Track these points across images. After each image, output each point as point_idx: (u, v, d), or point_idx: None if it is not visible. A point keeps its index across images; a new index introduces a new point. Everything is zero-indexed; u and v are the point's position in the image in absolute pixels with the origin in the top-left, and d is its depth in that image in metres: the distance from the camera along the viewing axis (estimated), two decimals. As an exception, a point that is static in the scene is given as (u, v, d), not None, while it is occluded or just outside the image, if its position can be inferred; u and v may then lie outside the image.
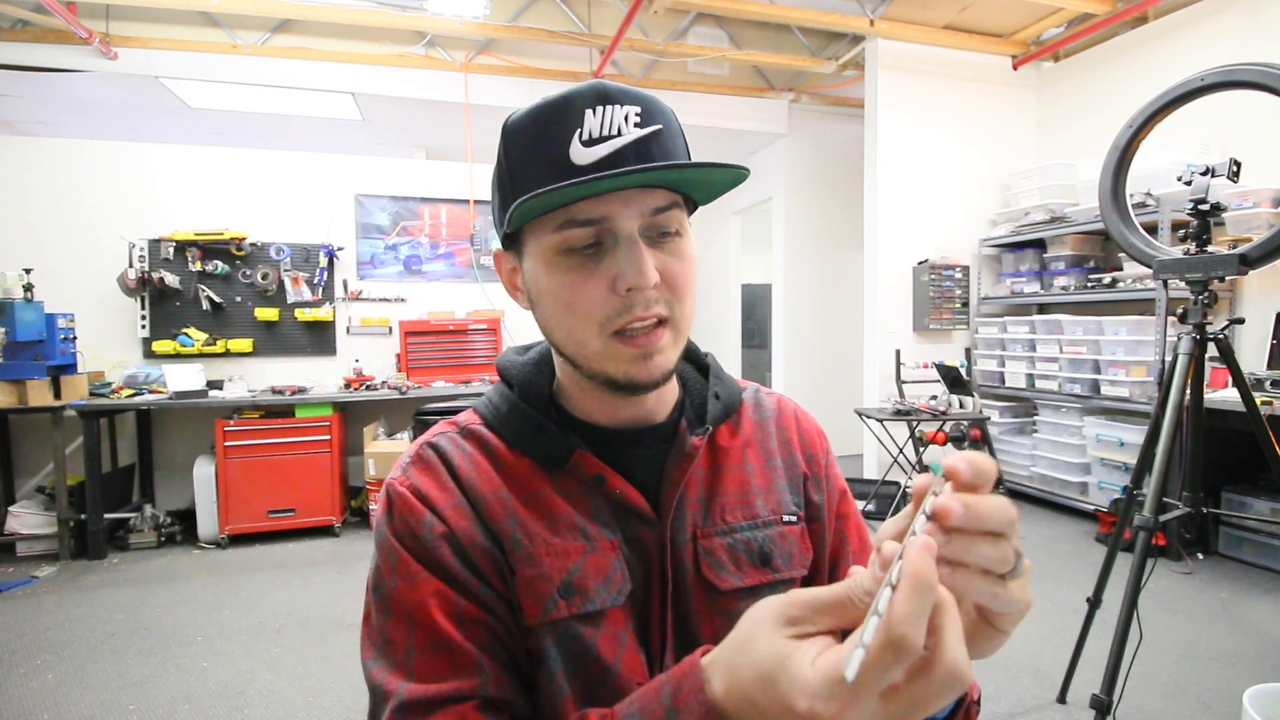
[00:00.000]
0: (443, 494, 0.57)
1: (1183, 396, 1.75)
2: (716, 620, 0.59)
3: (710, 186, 0.57)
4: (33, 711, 2.11)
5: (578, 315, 0.55)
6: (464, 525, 0.56)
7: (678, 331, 0.57)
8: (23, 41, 3.97)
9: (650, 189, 0.54)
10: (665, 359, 0.56)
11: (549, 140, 0.53)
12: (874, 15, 4.36)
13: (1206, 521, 3.09)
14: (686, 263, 0.57)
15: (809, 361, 5.74)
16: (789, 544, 0.64)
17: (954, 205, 4.66)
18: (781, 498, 0.66)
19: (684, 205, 0.58)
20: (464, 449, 0.61)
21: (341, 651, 2.48)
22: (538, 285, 0.57)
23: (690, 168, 0.52)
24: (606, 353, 0.55)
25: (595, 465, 0.58)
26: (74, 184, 3.94)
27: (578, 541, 0.57)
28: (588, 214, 0.53)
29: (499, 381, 0.66)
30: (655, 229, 0.55)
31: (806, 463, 0.69)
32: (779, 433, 0.70)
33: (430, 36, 4.47)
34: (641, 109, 0.54)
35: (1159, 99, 1.81)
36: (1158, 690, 2.12)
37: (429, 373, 4.39)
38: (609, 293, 0.54)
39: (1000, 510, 0.36)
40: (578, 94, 0.53)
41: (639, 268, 0.52)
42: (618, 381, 0.56)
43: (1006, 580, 0.36)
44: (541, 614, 0.55)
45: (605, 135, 0.52)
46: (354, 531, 3.95)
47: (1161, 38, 4.01)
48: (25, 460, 3.88)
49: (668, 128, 0.55)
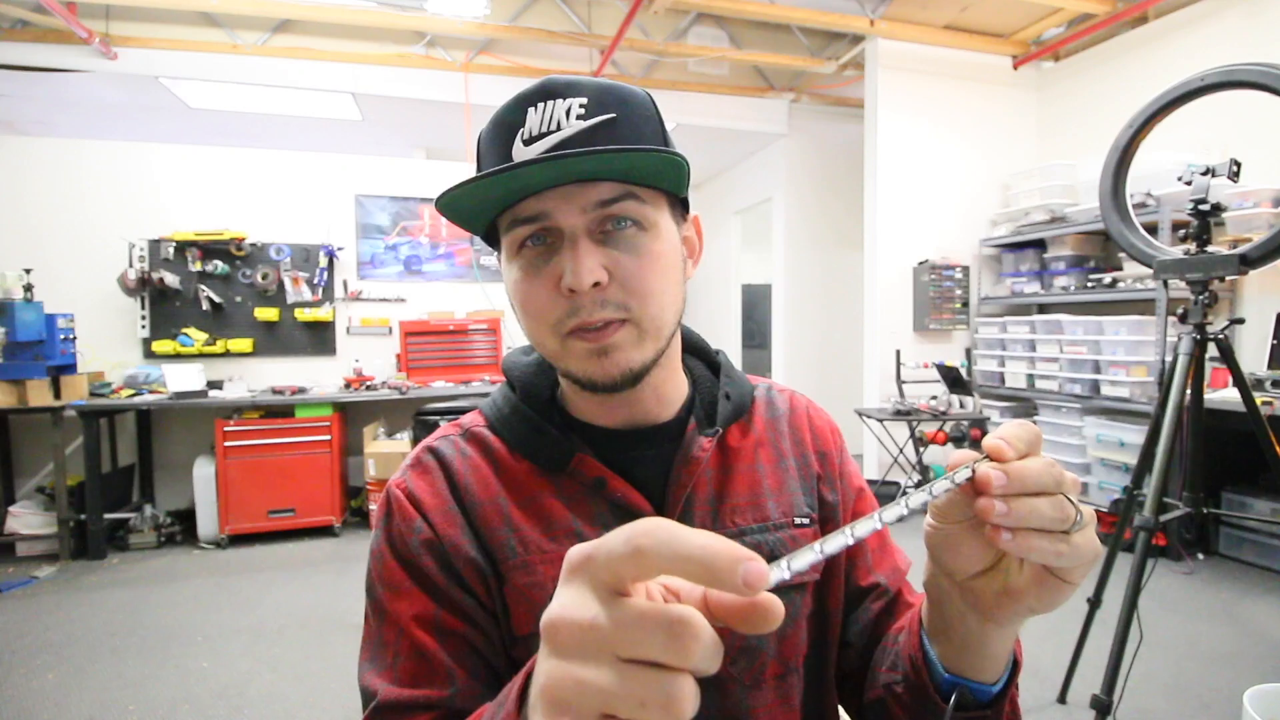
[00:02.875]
0: (435, 499, 0.57)
1: (1183, 397, 1.75)
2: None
3: (655, 174, 0.53)
4: (33, 711, 2.11)
5: (530, 316, 0.55)
6: (451, 533, 0.56)
7: (642, 331, 0.53)
8: (23, 41, 3.96)
9: (593, 182, 0.51)
10: (626, 357, 0.53)
11: (499, 144, 0.53)
12: (874, 15, 4.36)
13: (1207, 522, 3.08)
14: (645, 258, 0.53)
15: (809, 361, 5.74)
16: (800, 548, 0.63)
17: (954, 205, 4.66)
18: (794, 499, 0.64)
19: (646, 197, 0.53)
20: (464, 452, 0.60)
21: (341, 651, 2.48)
22: (506, 285, 0.57)
23: (601, 153, 0.48)
24: (564, 352, 0.54)
25: (596, 469, 0.58)
26: (74, 184, 3.94)
27: None
28: (527, 211, 0.52)
29: (504, 382, 0.66)
30: (607, 222, 0.52)
31: (819, 461, 0.67)
32: (792, 432, 0.68)
33: (430, 36, 4.46)
34: (589, 99, 0.52)
35: (1159, 99, 1.81)
36: (1158, 690, 2.12)
37: (429, 373, 4.39)
38: (556, 293, 0.52)
39: (1044, 471, 0.37)
40: (525, 94, 0.53)
41: (575, 267, 0.50)
42: (581, 381, 0.55)
43: (1070, 535, 0.37)
44: (535, 623, 0.54)
45: (544, 131, 0.51)
46: (354, 532, 3.94)
47: (1161, 38, 4.01)
48: (25, 460, 3.88)
49: (625, 116, 0.52)
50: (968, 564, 0.43)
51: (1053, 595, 0.40)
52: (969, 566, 0.43)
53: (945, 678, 0.50)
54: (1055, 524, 0.37)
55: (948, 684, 0.50)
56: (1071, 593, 0.40)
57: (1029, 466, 0.37)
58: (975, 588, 0.44)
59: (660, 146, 0.53)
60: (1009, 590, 0.42)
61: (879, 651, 0.61)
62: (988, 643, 0.47)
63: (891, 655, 0.57)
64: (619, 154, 0.49)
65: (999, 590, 0.43)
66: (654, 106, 0.56)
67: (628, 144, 0.52)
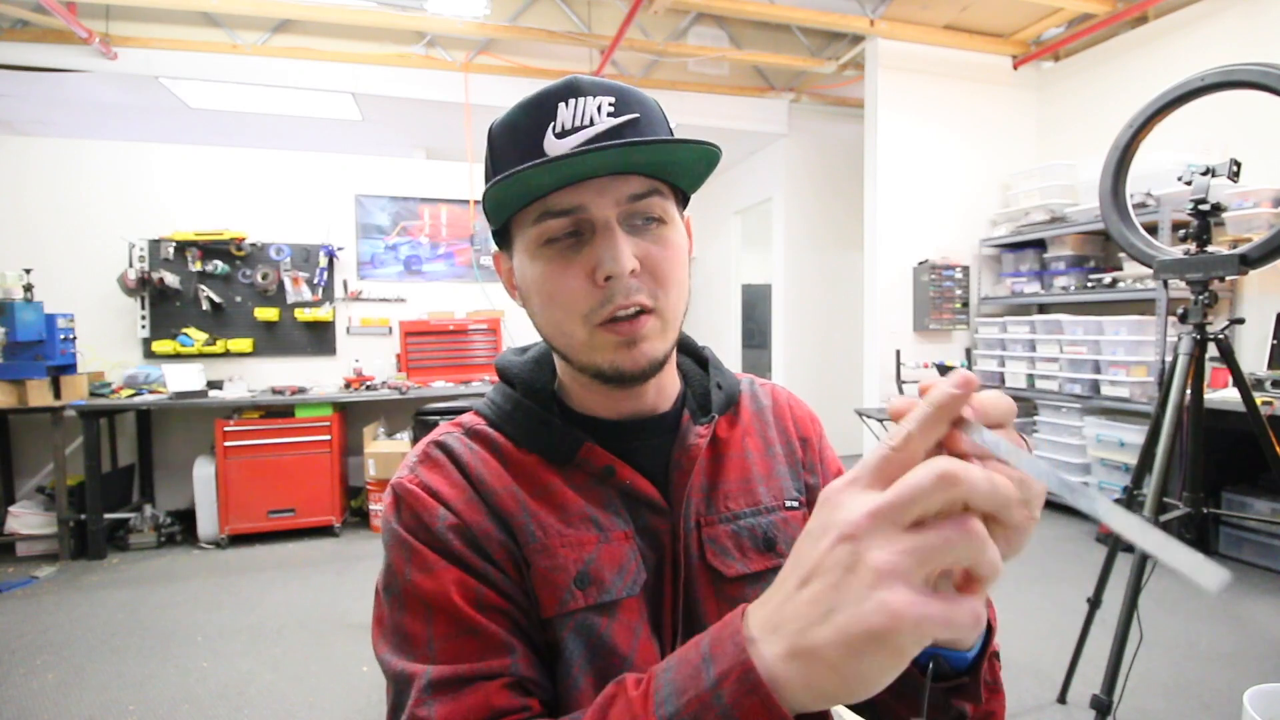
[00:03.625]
0: (453, 489, 0.57)
1: (1183, 397, 1.75)
2: (723, 606, 0.59)
3: (686, 169, 0.56)
4: (33, 711, 2.11)
5: (560, 307, 0.55)
6: (477, 519, 0.55)
7: (664, 321, 0.56)
8: (23, 41, 3.96)
9: (625, 176, 0.53)
10: (652, 348, 0.55)
11: (526, 136, 0.54)
12: (874, 15, 4.36)
13: (1207, 522, 3.08)
14: (671, 250, 0.56)
15: (809, 361, 5.74)
16: (793, 529, 0.64)
17: (954, 205, 4.66)
18: (783, 484, 0.66)
19: (668, 194, 0.57)
20: (471, 447, 0.61)
21: (341, 651, 2.48)
22: (525, 280, 0.58)
23: (655, 144, 0.51)
24: (592, 343, 0.55)
25: (604, 457, 0.59)
26: (74, 184, 3.94)
27: (591, 532, 0.57)
28: (562, 204, 0.53)
29: (499, 383, 0.66)
30: (635, 216, 0.55)
31: (802, 448, 0.71)
32: (776, 421, 0.71)
33: (430, 36, 4.46)
34: (615, 99, 0.54)
35: (1159, 99, 1.81)
36: (1158, 690, 2.12)
37: (429, 373, 4.39)
38: (589, 284, 0.53)
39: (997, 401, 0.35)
40: (552, 90, 0.54)
41: (614, 254, 0.52)
42: (605, 373, 0.56)
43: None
44: (558, 605, 0.55)
45: (578, 125, 0.53)
46: (354, 532, 3.94)
47: (1161, 38, 4.01)
48: (25, 460, 3.88)
49: (646, 116, 0.55)
50: None
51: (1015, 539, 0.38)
52: None
53: None
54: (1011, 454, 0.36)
55: (924, 655, 0.50)
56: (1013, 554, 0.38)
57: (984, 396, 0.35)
58: None
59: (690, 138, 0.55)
60: None
61: None
62: None
63: None
64: (674, 145, 0.51)
65: None
66: (662, 113, 0.59)
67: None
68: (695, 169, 0.56)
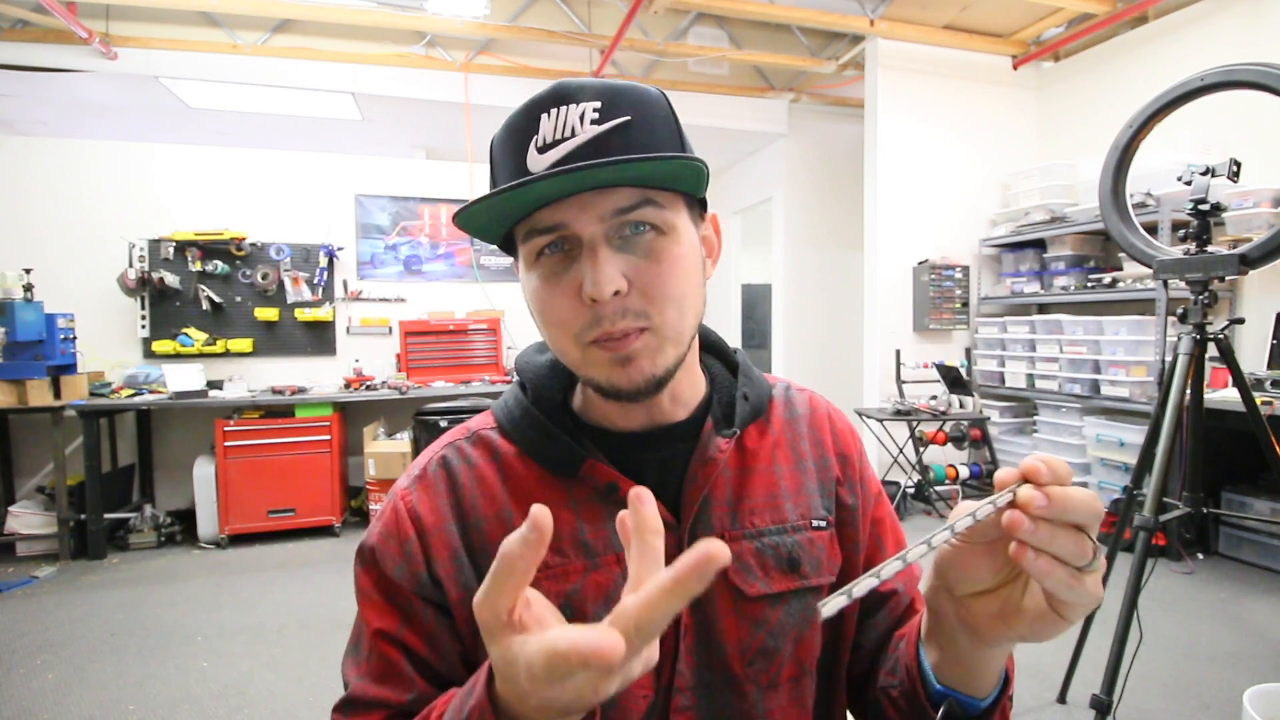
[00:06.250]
0: (435, 518, 0.58)
1: (1183, 396, 1.75)
2: (743, 626, 0.58)
3: (679, 176, 0.51)
4: (33, 711, 2.11)
5: (551, 324, 0.54)
6: (442, 556, 0.57)
7: (662, 337, 0.52)
8: (23, 41, 3.96)
9: (610, 189, 0.50)
10: (648, 365, 0.52)
11: (513, 155, 0.52)
12: (874, 15, 4.36)
13: (1206, 521, 3.08)
14: (667, 263, 0.52)
15: (809, 361, 5.73)
16: (818, 550, 0.61)
17: (954, 205, 4.66)
18: (811, 501, 0.63)
19: (665, 201, 0.52)
20: (471, 462, 0.60)
21: (341, 651, 2.48)
22: (526, 292, 0.56)
23: (620, 163, 0.47)
24: (586, 360, 0.53)
25: (608, 474, 0.57)
26: (74, 184, 3.94)
27: (579, 560, 0.56)
28: (545, 222, 0.51)
29: (515, 382, 0.65)
30: (624, 229, 0.51)
31: (840, 464, 0.67)
32: (811, 433, 0.67)
33: (430, 36, 4.46)
34: (602, 103, 0.50)
35: (1159, 99, 1.81)
36: (1158, 690, 2.12)
37: (429, 373, 4.39)
38: (578, 302, 0.51)
39: (1085, 503, 0.38)
40: (537, 99, 0.52)
41: (594, 277, 0.49)
42: (604, 389, 0.54)
43: (1083, 573, 0.38)
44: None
45: (559, 139, 0.50)
46: (354, 531, 3.95)
47: (1161, 38, 4.00)
48: (25, 460, 3.88)
49: (641, 116, 0.51)
50: (971, 582, 0.44)
51: (1048, 627, 0.41)
52: (971, 584, 0.44)
53: (937, 689, 0.51)
54: (1074, 557, 0.38)
55: (939, 695, 0.50)
56: (1064, 630, 0.42)
57: (1071, 494, 0.38)
58: (972, 606, 0.45)
59: (677, 151, 0.52)
60: (1005, 614, 0.43)
61: (883, 655, 0.62)
62: (978, 660, 0.48)
63: (892, 660, 0.58)
64: (633, 163, 0.47)
65: (994, 613, 0.44)
66: (669, 106, 0.55)
67: (643, 147, 0.50)
68: (683, 178, 0.52)
